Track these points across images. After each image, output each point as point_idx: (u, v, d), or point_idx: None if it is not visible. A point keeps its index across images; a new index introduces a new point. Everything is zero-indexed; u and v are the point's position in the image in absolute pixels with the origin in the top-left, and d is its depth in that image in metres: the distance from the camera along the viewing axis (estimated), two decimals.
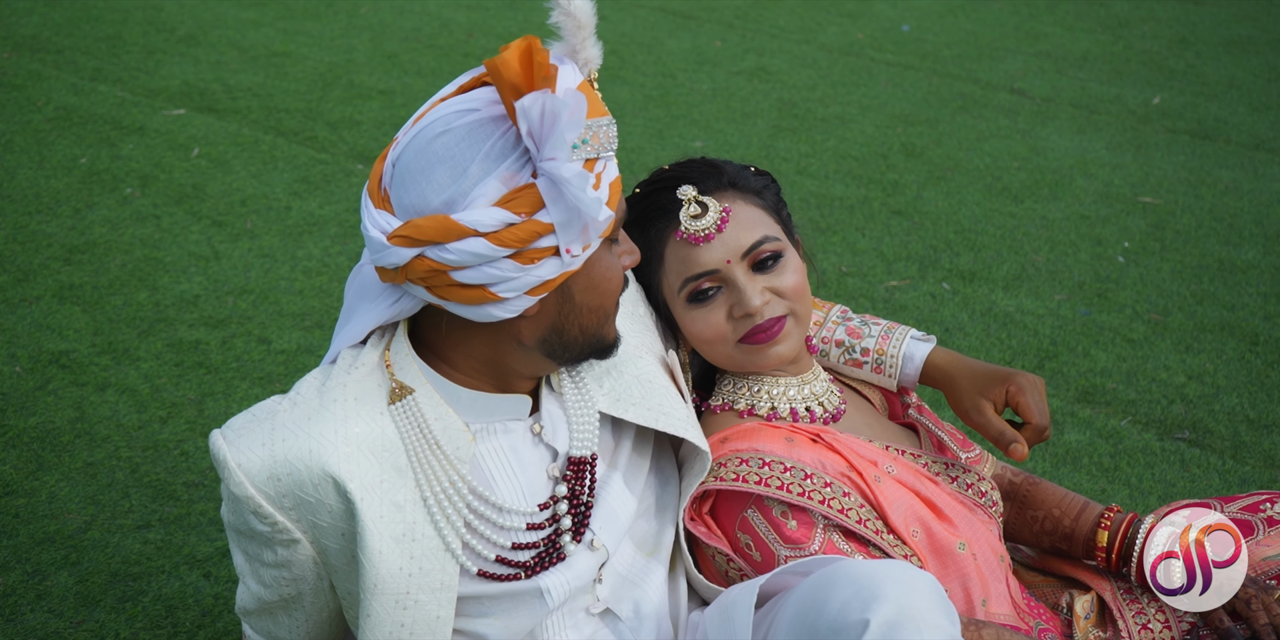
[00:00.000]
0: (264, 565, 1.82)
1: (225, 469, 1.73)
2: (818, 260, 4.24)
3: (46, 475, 3.00)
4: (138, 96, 5.21)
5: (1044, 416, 2.06)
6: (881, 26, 6.93)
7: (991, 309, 4.04)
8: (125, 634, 2.59)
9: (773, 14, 7.01)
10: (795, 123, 5.50)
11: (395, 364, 1.79)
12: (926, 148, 5.31)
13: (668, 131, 5.30)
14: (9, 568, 2.73)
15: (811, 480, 1.94)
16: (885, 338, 2.18)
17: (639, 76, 5.92)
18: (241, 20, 6.20)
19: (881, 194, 4.84)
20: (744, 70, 6.12)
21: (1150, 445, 3.38)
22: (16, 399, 3.27)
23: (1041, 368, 3.73)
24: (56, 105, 5.07)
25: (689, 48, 6.38)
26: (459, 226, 1.63)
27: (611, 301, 1.80)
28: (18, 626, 2.59)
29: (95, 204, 4.30)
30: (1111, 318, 4.01)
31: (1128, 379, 3.68)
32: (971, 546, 2.05)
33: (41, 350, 3.47)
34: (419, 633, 1.78)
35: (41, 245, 4.00)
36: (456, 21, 6.46)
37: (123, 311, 3.67)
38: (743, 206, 2.00)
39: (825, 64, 6.29)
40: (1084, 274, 4.29)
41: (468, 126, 1.67)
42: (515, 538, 1.82)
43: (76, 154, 4.66)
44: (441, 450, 1.77)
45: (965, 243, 4.48)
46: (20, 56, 5.52)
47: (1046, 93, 6.03)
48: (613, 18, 6.73)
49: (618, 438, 1.94)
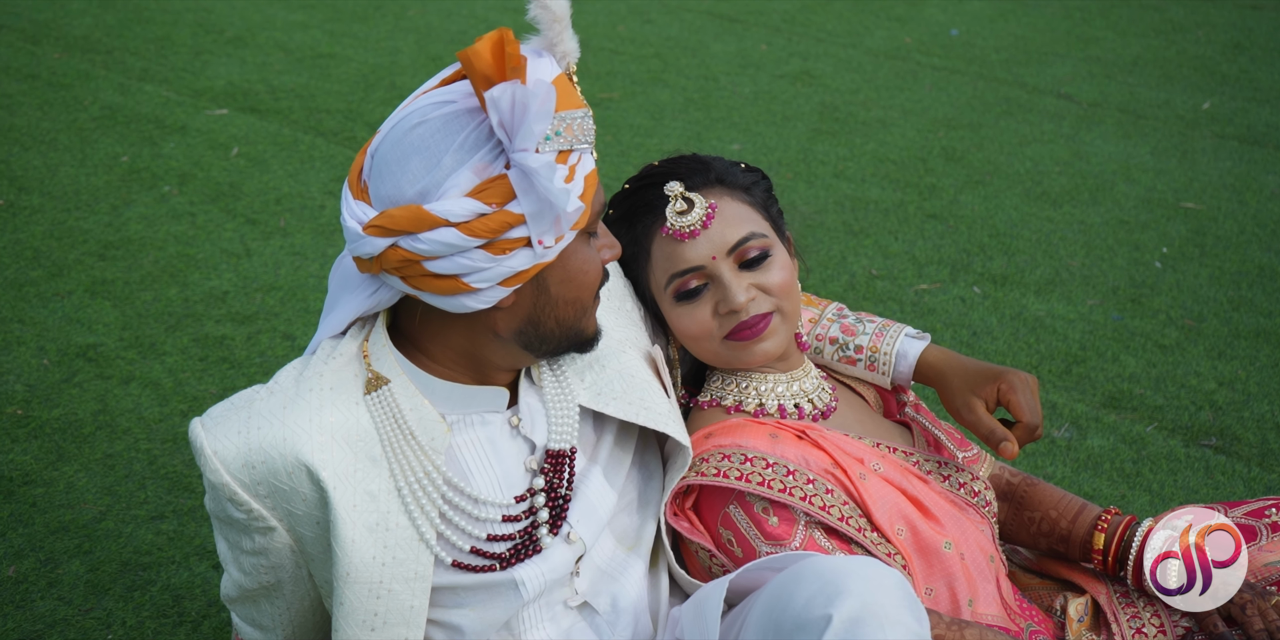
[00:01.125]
0: (243, 553, 1.84)
1: (201, 456, 1.74)
2: (848, 263, 4.25)
3: (66, 466, 3.04)
4: (182, 96, 5.28)
5: (1035, 415, 2.03)
6: (930, 31, 6.89)
7: (1021, 313, 4.01)
8: (131, 622, 2.62)
9: (820, 18, 6.99)
10: (835, 126, 5.48)
11: (373, 354, 1.80)
12: (967, 152, 5.27)
13: (706, 134, 5.30)
14: (23, 556, 2.77)
15: (794, 477, 1.93)
16: (879, 335, 2.16)
17: (681, 80, 5.92)
18: (290, 22, 6.26)
19: (917, 197, 4.81)
20: (787, 74, 6.10)
21: (1175, 452, 3.34)
22: (42, 391, 3.31)
23: (1069, 373, 3.69)
24: (102, 104, 5.15)
25: (734, 51, 6.37)
26: (431, 216, 1.64)
27: (588, 294, 1.80)
28: (27, 613, 2.63)
29: (133, 201, 4.36)
30: (1144, 323, 3.96)
31: (1156, 385, 3.64)
32: (959, 546, 2.03)
33: (70, 344, 3.52)
34: (393, 622, 1.78)
35: (78, 241, 4.06)
36: (502, 23, 6.49)
37: (152, 307, 3.72)
38: (729, 203, 1.99)
39: (870, 68, 6.26)
40: (1119, 279, 4.24)
41: (443, 118, 1.68)
42: (491, 529, 1.82)
43: (118, 152, 4.73)
44: (416, 440, 1.77)
45: (999, 247, 4.44)
46: (71, 57, 5.61)
47: (1094, 97, 5.96)
48: (659, 22, 6.74)
49: (599, 432, 1.94)
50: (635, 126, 5.33)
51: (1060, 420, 3.46)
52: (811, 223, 4.55)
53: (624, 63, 6.07)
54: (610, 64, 6.04)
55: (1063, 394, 3.59)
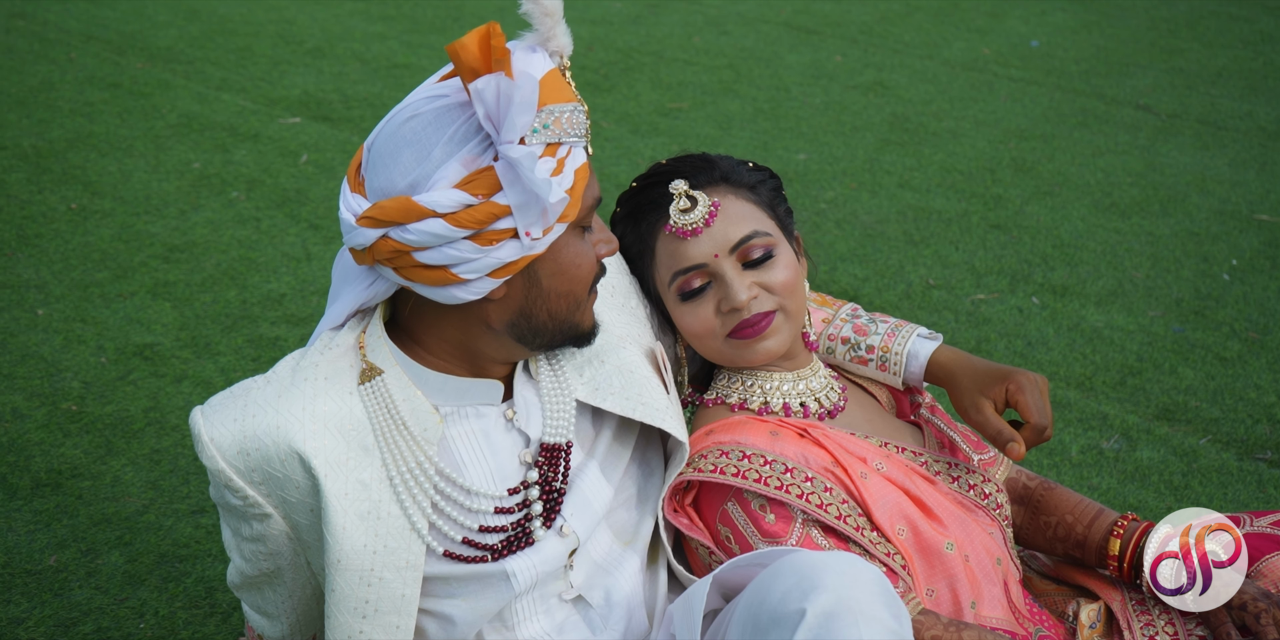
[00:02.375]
0: (244, 539, 1.87)
1: (199, 443, 1.78)
2: (905, 272, 4.22)
3: (114, 460, 3.11)
4: (258, 105, 5.38)
5: (1043, 416, 2.01)
6: (1009, 42, 6.82)
7: (1079, 324, 3.95)
8: (164, 612, 2.67)
9: (899, 30, 6.96)
10: (905, 137, 5.45)
11: (369, 346, 1.83)
12: (1038, 163, 5.21)
13: (772, 144, 5.29)
14: (65, 546, 2.84)
15: (792, 475, 1.93)
16: (891, 335, 2.15)
17: (752, 90, 5.92)
18: (369, 33, 6.36)
19: (982, 208, 4.76)
20: (860, 84, 6.08)
21: (1228, 465, 3.27)
22: (98, 388, 3.39)
23: (1123, 384, 3.63)
24: (180, 113, 5.27)
25: (808, 62, 6.36)
26: (419, 207, 1.66)
27: (581, 288, 1.81)
28: (65, 600, 2.69)
29: (201, 206, 4.45)
30: (1206, 335, 3.89)
31: (1213, 398, 3.56)
32: (963, 547, 2.00)
33: (128, 342, 3.60)
34: (384, 610, 1.80)
35: (144, 244, 4.15)
36: (579, 35, 6.51)
37: (210, 308, 3.79)
38: (733, 201, 1.99)
39: (945, 79, 6.22)
40: (1184, 291, 4.16)
41: (435, 112, 1.71)
42: (483, 520, 1.84)
43: (191, 159, 4.83)
44: (408, 431, 1.79)
45: (1062, 257, 4.39)
46: (153, 66, 5.75)
47: (1173, 109, 5.87)
48: (735, 33, 6.75)
49: (598, 427, 1.95)
50: (702, 136, 5.34)
51: (1110, 431, 3.40)
52: (871, 232, 4.53)
53: (696, 73, 6.09)
54: (682, 74, 6.06)
55: (1115, 405, 3.53)
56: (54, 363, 3.48)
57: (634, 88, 5.85)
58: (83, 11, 6.40)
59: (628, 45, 6.42)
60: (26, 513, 2.93)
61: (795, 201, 4.73)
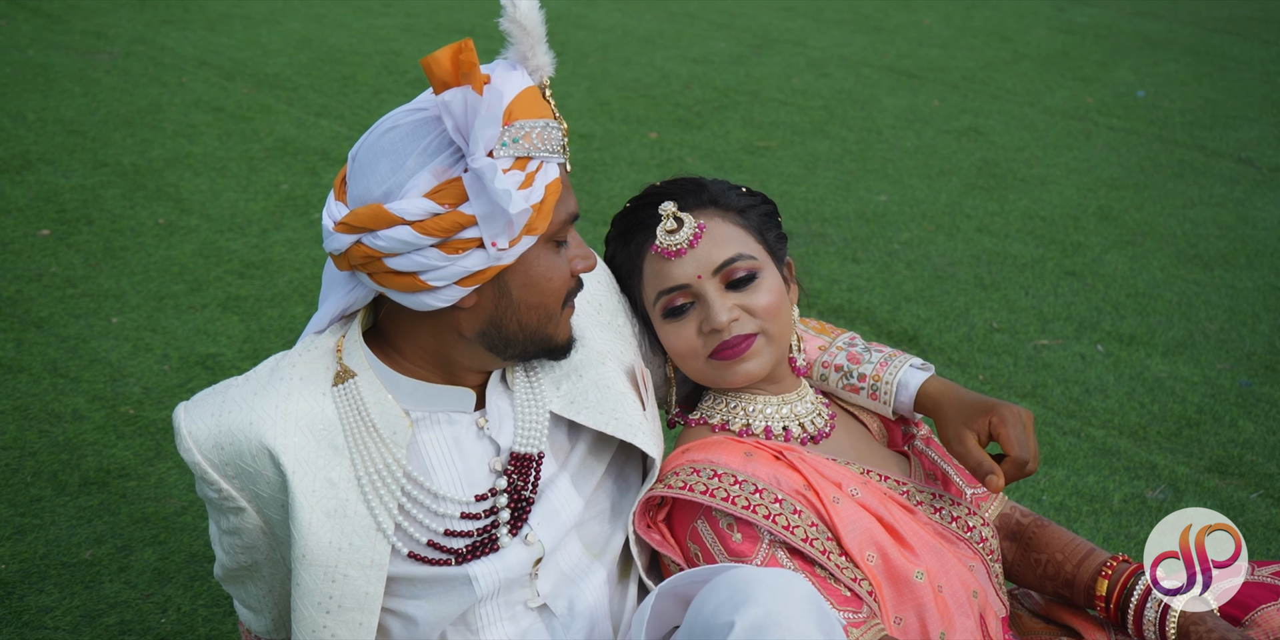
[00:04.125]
0: (223, 532, 1.93)
1: (178, 435, 1.85)
2: (970, 315, 4.19)
3: (161, 462, 3.21)
4: (353, 131, 5.53)
5: (1023, 449, 2.00)
6: (1115, 91, 6.74)
7: (1142, 373, 3.89)
8: (186, 609, 2.75)
9: (1002, 77, 6.92)
10: (991, 182, 5.41)
11: (345, 349, 1.89)
12: (1124, 212, 5.14)
13: (855, 184, 5.29)
14: (102, 541, 2.94)
15: (761, 495, 1.94)
16: (883, 365, 2.15)
17: (843, 131, 5.93)
18: None
19: (1059, 254, 4.71)
20: (954, 129, 6.05)
21: (1276, 520, 3.19)
22: (157, 394, 3.51)
23: (1178, 435, 3.57)
24: (277, 136, 5.43)
25: (905, 106, 6.36)
26: (389, 214, 1.72)
27: (553, 301, 1.85)
28: (95, 593, 2.78)
29: (282, 226, 4.58)
30: (1274, 390, 3.80)
31: (1272, 452, 3.48)
32: (935, 577, 1.99)
33: (192, 352, 3.72)
34: (348, 606, 1.85)
35: (223, 259, 4.29)
36: (677, 73, 6.62)
37: (276, 323, 3.90)
38: (720, 224, 2.02)
39: (1043, 126, 6.17)
40: (1257, 345, 4.07)
41: (412, 124, 1.77)
42: (449, 525, 1.88)
43: (280, 181, 4.98)
44: (378, 433, 1.84)
45: (1135, 306, 4.32)
46: (258, 92, 5.94)
47: (1276, 162, 5.75)
48: (835, 75, 6.77)
49: (573, 440, 1.98)
50: (785, 175, 5.36)
51: (1157, 481, 3.34)
52: (942, 275, 4.50)
53: (789, 113, 6.12)
54: (775, 114, 6.09)
55: (1166, 456, 3.46)
56: (119, 368, 3.61)
57: (724, 125, 5.90)
58: (200, 39, 6.64)
59: (725, 84, 6.48)
60: (71, 508, 3.04)
61: (868, 242, 4.73)
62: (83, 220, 4.49)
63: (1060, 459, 3.45)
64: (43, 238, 4.36)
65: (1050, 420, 3.63)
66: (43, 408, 3.42)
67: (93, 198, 4.67)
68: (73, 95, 5.71)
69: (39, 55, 6.19)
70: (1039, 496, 3.28)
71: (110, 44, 6.44)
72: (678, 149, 5.58)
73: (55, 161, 4.98)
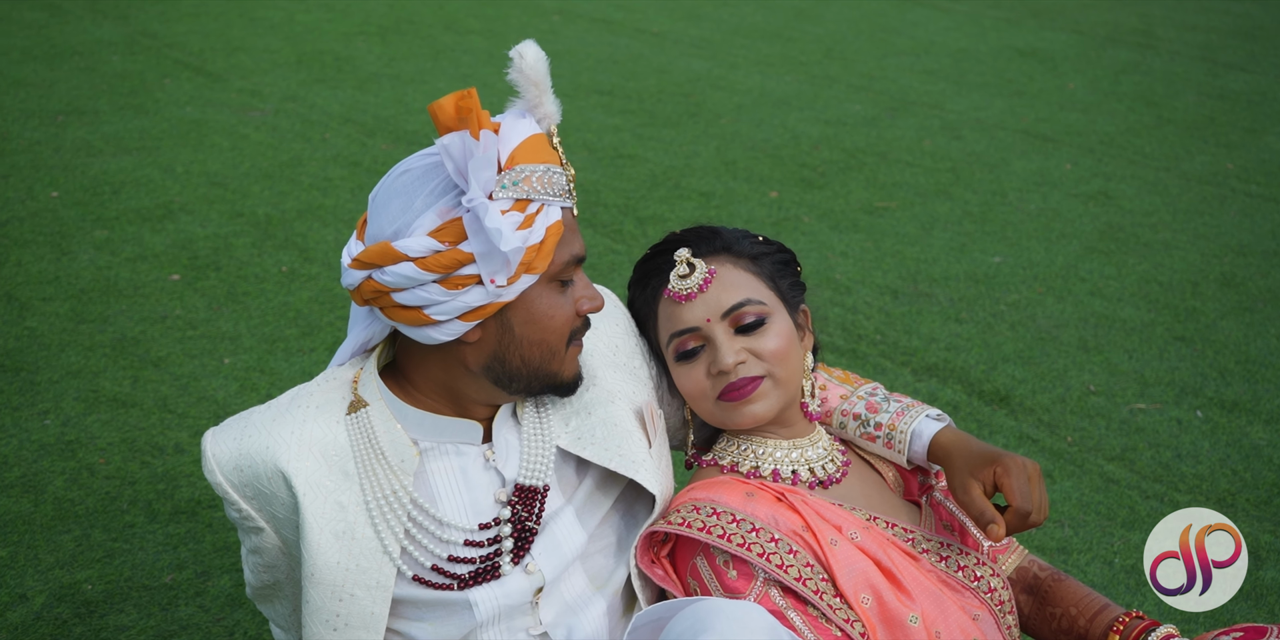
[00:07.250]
0: (248, 552, 2.05)
1: (204, 458, 1.97)
2: (1067, 377, 4.16)
3: None
4: None
5: (1025, 500, 2.01)
6: (1259, 158, 6.61)
7: (1240, 440, 3.81)
8: (253, 633, 2.87)
9: (1141, 141, 6.83)
10: (1113, 246, 5.35)
11: (361, 381, 1.99)
12: (1249, 278, 5.03)
13: (970, 246, 5.28)
14: (184, 567, 3.08)
15: (757, 534, 1.98)
16: (900, 414, 2.19)
17: (966, 193, 5.92)
18: (604, 125, 6.66)
19: (1170, 319, 4.64)
20: (1083, 193, 6.00)
21: None
22: None
23: (1268, 503, 3.48)
24: None
25: (1035, 169, 6.32)
26: (394, 252, 1.83)
27: (556, 338, 1.93)
28: (171, 616, 2.93)
29: None
30: None
31: None
32: (933, 623, 2.01)
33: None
34: (354, 625, 1.94)
35: (336, 305, 4.47)
36: (808, 134, 6.68)
37: None
38: (731, 270, 2.09)
39: (1176, 191, 6.07)
40: None
41: (424, 168, 1.88)
42: (453, 551, 1.96)
43: None
44: (386, 460, 1.94)
45: (1243, 373, 4.23)
46: (396, 148, 6.17)
47: None
48: (968, 138, 6.76)
49: (581, 476, 2.06)
50: (900, 235, 5.38)
51: None
52: (1045, 336, 4.47)
53: (914, 175, 6.13)
54: (900, 175, 6.11)
55: (1252, 523, 3.39)
56: (224, 406, 3.79)
57: (846, 186, 5.93)
58: (348, 97, 6.92)
59: (855, 146, 6.52)
60: (160, 535, 3.20)
61: (975, 302, 4.71)
62: (212, 266, 4.72)
63: (1140, 523, 3.40)
64: (172, 282, 4.59)
65: (1135, 484, 3.57)
66: (148, 441, 3.60)
67: (224, 246, 4.91)
68: (221, 150, 6.00)
69: (195, 111, 6.53)
70: (1110, 559, 3.23)
71: (264, 101, 6.76)
72: (795, 208, 5.63)
73: (195, 211, 5.24)
